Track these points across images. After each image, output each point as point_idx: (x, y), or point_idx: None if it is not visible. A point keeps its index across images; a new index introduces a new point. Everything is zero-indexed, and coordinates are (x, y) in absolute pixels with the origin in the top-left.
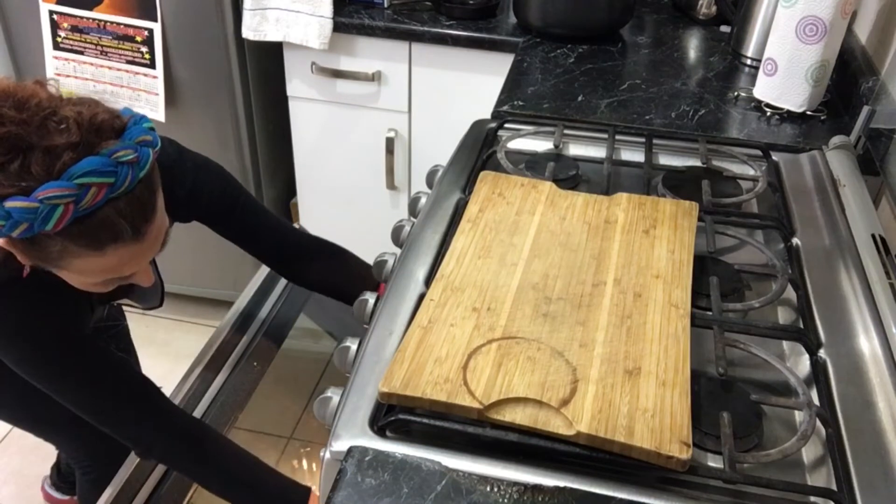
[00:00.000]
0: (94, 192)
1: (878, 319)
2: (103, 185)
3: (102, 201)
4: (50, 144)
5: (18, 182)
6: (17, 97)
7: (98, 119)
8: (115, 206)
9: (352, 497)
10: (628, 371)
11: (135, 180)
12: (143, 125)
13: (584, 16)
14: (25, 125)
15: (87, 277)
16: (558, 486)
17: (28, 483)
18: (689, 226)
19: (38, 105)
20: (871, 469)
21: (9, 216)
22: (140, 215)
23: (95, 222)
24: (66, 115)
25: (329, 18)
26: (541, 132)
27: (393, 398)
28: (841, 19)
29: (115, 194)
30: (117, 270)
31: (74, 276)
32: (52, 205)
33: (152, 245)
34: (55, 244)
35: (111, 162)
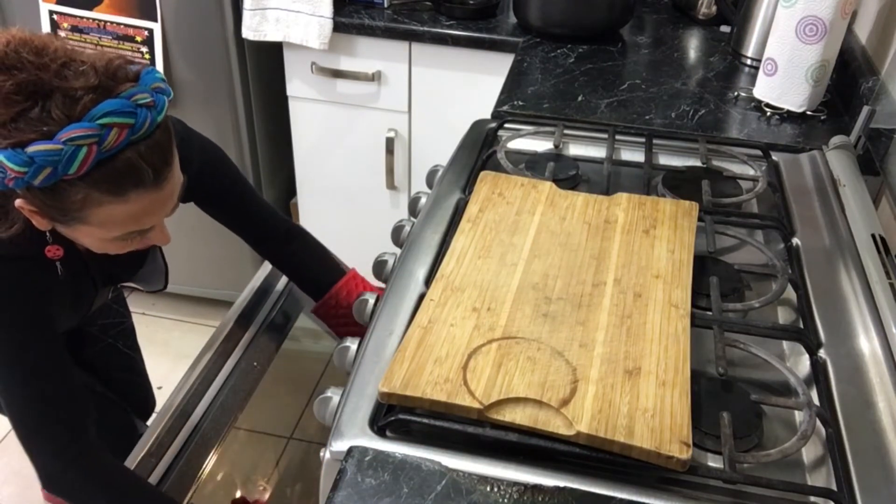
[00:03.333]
0: (115, 133)
1: (878, 319)
2: (124, 126)
3: (124, 143)
4: (69, 87)
5: (40, 127)
6: (34, 45)
7: (114, 65)
8: (136, 150)
9: (352, 497)
10: (628, 371)
11: (153, 124)
12: (156, 74)
13: (584, 16)
14: (45, 70)
15: (107, 231)
16: (558, 486)
17: (28, 483)
18: (689, 226)
19: (56, 51)
20: (871, 469)
21: (31, 162)
22: (161, 159)
23: (118, 165)
24: (83, 61)
25: (329, 18)
26: (541, 132)
27: (393, 398)
28: (841, 19)
29: (135, 136)
30: (138, 221)
31: (94, 231)
32: (76, 146)
33: (171, 195)
34: (77, 192)
35: (130, 104)
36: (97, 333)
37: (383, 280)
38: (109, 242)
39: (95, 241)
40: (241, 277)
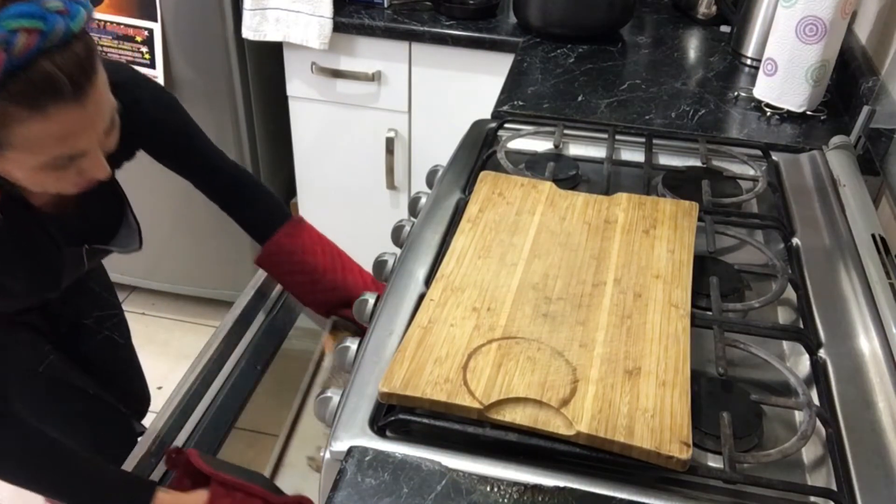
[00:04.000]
0: (24, 38)
1: (878, 319)
2: (33, 30)
3: (35, 50)
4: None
5: None
6: None
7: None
8: (51, 59)
9: (352, 497)
10: (628, 371)
11: (69, 33)
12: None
13: (584, 16)
14: None
15: (33, 155)
16: (558, 486)
17: None
18: (689, 226)
19: None
20: (871, 469)
21: None
22: (80, 72)
23: (33, 76)
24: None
25: (329, 18)
26: (541, 132)
27: (393, 398)
28: (841, 19)
29: (48, 44)
30: (64, 142)
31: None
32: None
33: (97, 115)
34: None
35: (39, 8)
36: (93, 326)
37: (383, 280)
38: (42, 174)
39: (27, 172)
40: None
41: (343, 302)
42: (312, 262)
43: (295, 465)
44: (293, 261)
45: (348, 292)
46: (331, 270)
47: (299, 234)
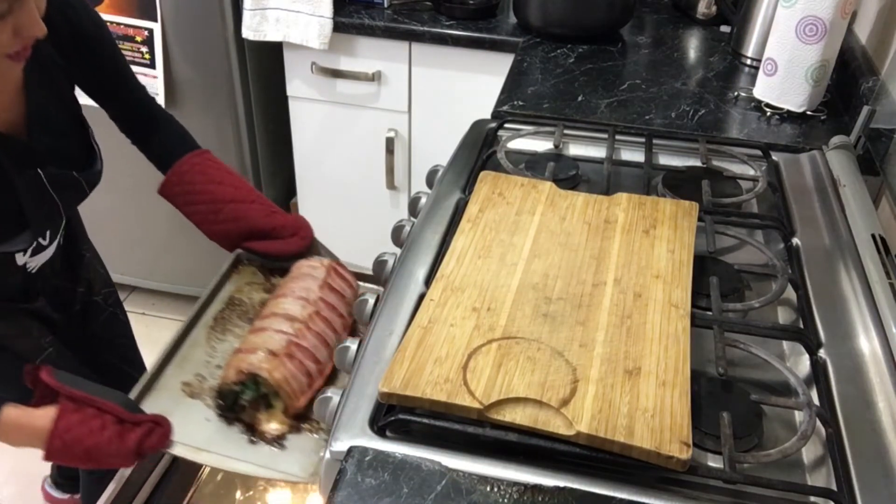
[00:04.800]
0: None
1: (878, 319)
2: None
3: None
4: None
5: None
6: None
7: None
8: None
9: (352, 497)
10: (628, 371)
11: None
12: None
13: (584, 16)
14: None
15: None
16: (558, 486)
17: (28, 483)
18: (689, 226)
19: None
20: (871, 469)
21: None
22: None
23: None
24: None
25: (329, 18)
26: (541, 132)
27: (393, 398)
28: (841, 19)
29: None
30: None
31: None
32: None
33: None
34: None
35: None
36: (101, 302)
37: (383, 280)
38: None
39: None
40: None
41: (247, 233)
42: (214, 191)
43: (169, 389)
44: (195, 190)
45: (252, 223)
46: (234, 201)
47: (202, 164)
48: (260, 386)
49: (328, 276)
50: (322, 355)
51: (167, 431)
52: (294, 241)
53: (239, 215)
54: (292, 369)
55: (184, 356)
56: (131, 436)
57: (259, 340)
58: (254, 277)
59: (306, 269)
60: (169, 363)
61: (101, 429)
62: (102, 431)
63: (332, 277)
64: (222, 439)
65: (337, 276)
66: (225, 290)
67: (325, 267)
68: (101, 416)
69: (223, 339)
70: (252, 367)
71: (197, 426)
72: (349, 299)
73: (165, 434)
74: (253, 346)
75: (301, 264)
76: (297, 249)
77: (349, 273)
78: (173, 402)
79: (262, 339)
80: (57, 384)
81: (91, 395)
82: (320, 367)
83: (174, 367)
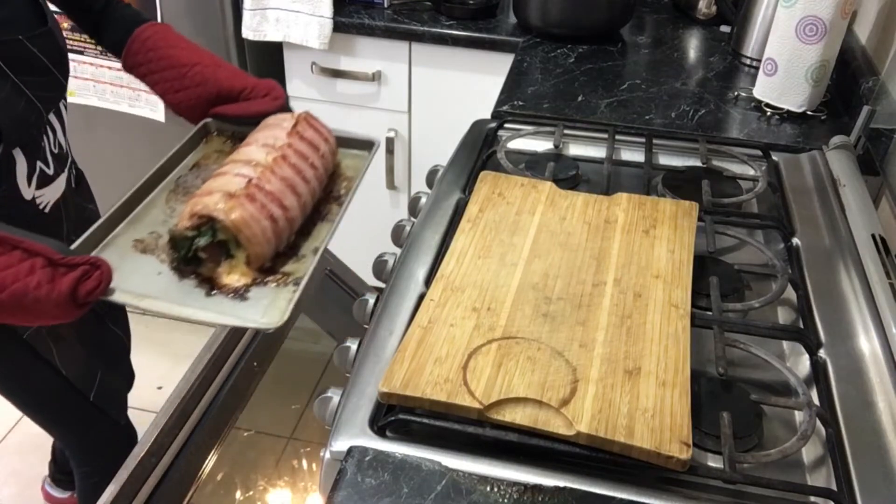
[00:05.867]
0: None
1: (878, 319)
2: None
3: None
4: None
5: None
6: None
7: None
8: None
9: (352, 497)
10: (628, 371)
11: None
12: None
13: (584, 16)
14: None
15: None
16: (558, 486)
17: (28, 483)
18: (689, 226)
19: None
20: (871, 469)
21: None
22: None
23: None
24: None
25: (329, 18)
26: (541, 132)
27: (393, 398)
28: (841, 19)
29: None
30: None
31: None
32: None
33: None
34: None
35: None
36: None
37: (383, 280)
38: None
39: None
40: None
41: (214, 98)
42: (177, 55)
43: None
44: (157, 56)
45: (219, 84)
46: (199, 63)
47: (163, 31)
48: (217, 232)
49: (298, 124)
50: (289, 201)
51: (106, 273)
52: (265, 101)
53: (204, 78)
54: (253, 211)
55: (138, 216)
56: (64, 279)
57: (216, 184)
58: (223, 146)
59: (273, 119)
60: (120, 223)
61: (29, 272)
62: (30, 275)
63: (303, 126)
64: (175, 292)
65: (308, 127)
66: (190, 158)
67: (294, 117)
68: (30, 259)
69: (184, 201)
70: (207, 210)
71: (145, 278)
72: (323, 152)
73: (104, 276)
74: (209, 190)
75: (269, 118)
76: (268, 109)
77: (324, 127)
78: (120, 257)
79: (220, 182)
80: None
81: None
82: (287, 214)
83: (126, 225)
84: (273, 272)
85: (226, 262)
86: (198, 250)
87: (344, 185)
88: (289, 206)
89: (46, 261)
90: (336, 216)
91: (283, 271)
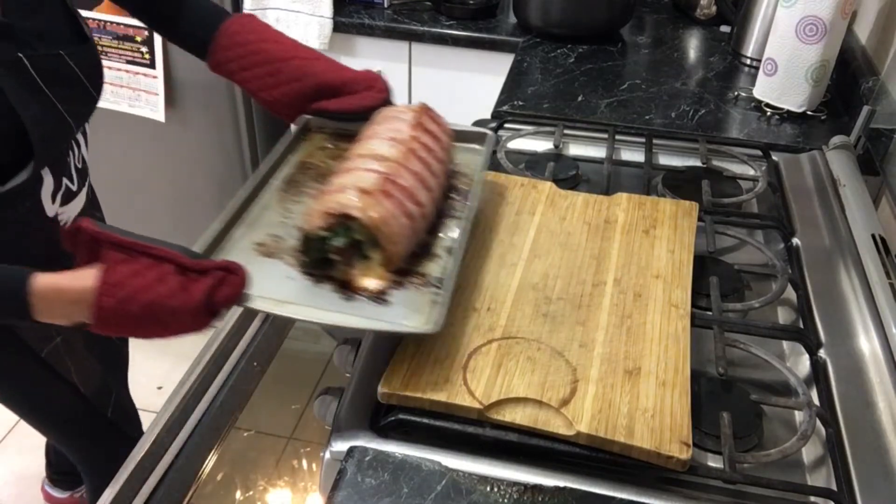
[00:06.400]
0: None
1: (878, 319)
2: None
3: None
4: None
5: None
6: None
7: None
8: None
9: (352, 497)
10: (628, 371)
11: None
12: None
13: (584, 16)
14: None
15: None
16: (558, 486)
17: (28, 483)
18: (689, 226)
19: None
20: (871, 469)
21: None
22: None
23: None
24: None
25: (329, 18)
26: (541, 132)
27: (393, 398)
28: (841, 19)
29: None
30: None
31: None
32: None
33: None
34: None
35: None
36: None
37: None
38: None
39: None
40: None
41: (313, 93)
42: (272, 49)
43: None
44: (250, 50)
45: (319, 78)
46: (296, 57)
47: (251, 23)
48: (352, 231)
49: (420, 116)
50: (423, 196)
51: (242, 279)
52: (369, 95)
53: (302, 73)
54: (391, 208)
55: (254, 218)
56: (197, 286)
57: (347, 180)
58: (324, 143)
59: (391, 112)
60: (236, 225)
61: (159, 280)
62: (161, 283)
63: (425, 119)
64: (312, 296)
65: (430, 119)
66: (294, 156)
67: (414, 110)
68: (158, 266)
69: (298, 201)
70: (343, 207)
71: (277, 283)
72: (445, 145)
73: (240, 282)
74: (340, 186)
75: (384, 110)
76: (373, 103)
77: (442, 119)
78: (244, 261)
79: (351, 178)
80: (100, 231)
81: (140, 241)
82: (422, 210)
83: (243, 228)
84: (408, 273)
85: (360, 262)
86: (330, 251)
87: (462, 181)
88: (423, 201)
89: (176, 267)
90: (462, 212)
91: (418, 272)
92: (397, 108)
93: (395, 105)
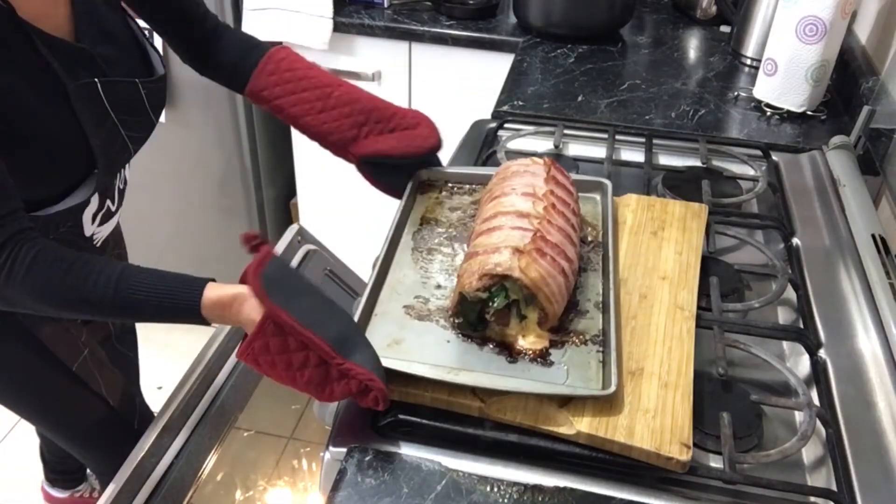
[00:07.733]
0: None
1: (878, 319)
2: None
3: None
4: None
5: None
6: None
7: None
8: None
9: (352, 497)
10: (631, 371)
11: None
12: None
13: (584, 16)
14: None
15: None
16: (558, 486)
17: (28, 483)
18: (697, 228)
19: None
20: (871, 469)
21: None
22: None
23: None
24: None
25: (329, 18)
26: (541, 132)
27: (394, 393)
28: (841, 19)
29: None
30: None
31: None
32: None
33: None
34: None
35: None
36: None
37: None
38: None
39: None
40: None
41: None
42: (319, 76)
43: (391, 314)
44: (297, 76)
45: (371, 103)
46: (343, 84)
47: (294, 54)
48: (509, 291)
49: (551, 170)
50: (570, 252)
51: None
52: (425, 134)
53: (353, 98)
54: (547, 267)
55: (395, 281)
56: (334, 389)
57: (495, 240)
58: (439, 195)
59: (517, 167)
60: (380, 289)
61: (301, 366)
62: (301, 370)
63: (555, 172)
64: (475, 360)
65: (559, 172)
66: (413, 213)
67: (542, 163)
68: (305, 351)
69: (431, 259)
70: (503, 269)
71: (438, 348)
72: (576, 197)
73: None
74: (492, 247)
75: (508, 165)
76: (433, 144)
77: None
78: (400, 326)
79: (499, 237)
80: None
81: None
82: (572, 266)
83: (387, 292)
84: (562, 331)
85: (515, 323)
86: (487, 313)
87: (590, 232)
88: (572, 256)
89: (319, 360)
90: (599, 265)
91: (573, 330)
92: (522, 162)
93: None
